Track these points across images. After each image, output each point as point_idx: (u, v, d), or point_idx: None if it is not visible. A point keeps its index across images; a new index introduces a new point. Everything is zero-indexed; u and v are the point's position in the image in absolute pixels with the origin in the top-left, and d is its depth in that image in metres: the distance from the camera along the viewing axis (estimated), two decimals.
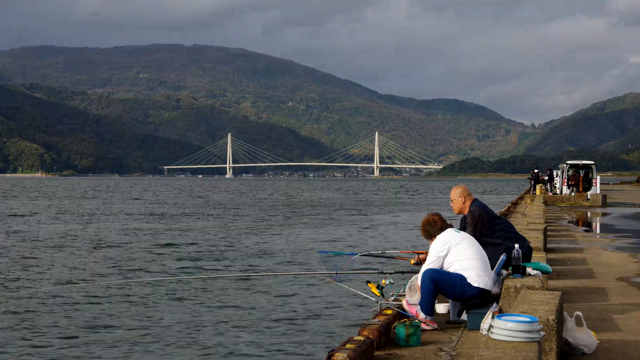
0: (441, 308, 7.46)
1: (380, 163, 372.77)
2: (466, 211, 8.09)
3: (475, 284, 7.08)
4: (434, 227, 7.44)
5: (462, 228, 8.13)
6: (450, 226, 7.49)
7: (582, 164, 43.17)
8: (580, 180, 41.11)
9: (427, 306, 7.09)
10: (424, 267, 7.27)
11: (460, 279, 7.10)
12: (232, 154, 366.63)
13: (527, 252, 8.03)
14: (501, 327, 4.89)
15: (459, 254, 7.18)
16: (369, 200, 74.23)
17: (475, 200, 8.16)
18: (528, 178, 54.76)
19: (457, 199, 8.17)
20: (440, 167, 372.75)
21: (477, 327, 6.83)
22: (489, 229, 7.94)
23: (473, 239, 7.47)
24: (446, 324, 7.33)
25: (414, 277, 7.55)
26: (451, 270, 7.15)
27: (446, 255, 7.19)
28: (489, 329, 5.08)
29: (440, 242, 7.27)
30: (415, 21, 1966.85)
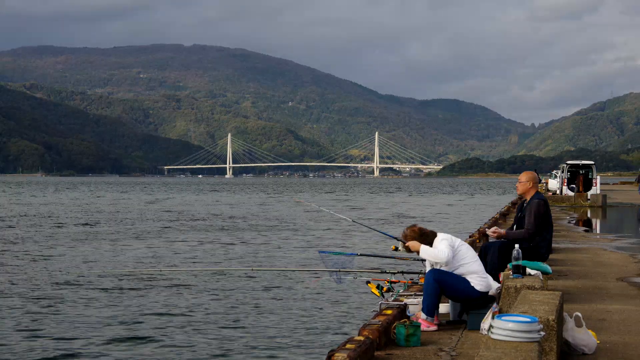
0: (441, 308, 7.46)
1: (380, 163, 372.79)
2: (529, 196, 8.81)
3: (478, 288, 7.08)
4: (429, 235, 7.32)
5: (519, 211, 8.94)
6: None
7: (582, 164, 43.11)
8: (580, 180, 41.10)
9: (430, 307, 7.09)
10: (436, 256, 7.14)
11: (464, 282, 7.10)
12: (232, 154, 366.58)
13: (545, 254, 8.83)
14: (501, 327, 4.88)
15: (462, 257, 7.16)
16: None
17: (538, 193, 8.88)
18: None
19: (526, 182, 8.84)
20: (440, 167, 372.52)
21: (477, 327, 6.84)
22: (542, 225, 8.66)
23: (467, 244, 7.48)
24: (446, 324, 7.34)
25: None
26: (455, 273, 7.15)
27: (454, 254, 7.13)
28: (489, 329, 5.08)
29: (447, 238, 7.20)
30: (359, 13, 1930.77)
